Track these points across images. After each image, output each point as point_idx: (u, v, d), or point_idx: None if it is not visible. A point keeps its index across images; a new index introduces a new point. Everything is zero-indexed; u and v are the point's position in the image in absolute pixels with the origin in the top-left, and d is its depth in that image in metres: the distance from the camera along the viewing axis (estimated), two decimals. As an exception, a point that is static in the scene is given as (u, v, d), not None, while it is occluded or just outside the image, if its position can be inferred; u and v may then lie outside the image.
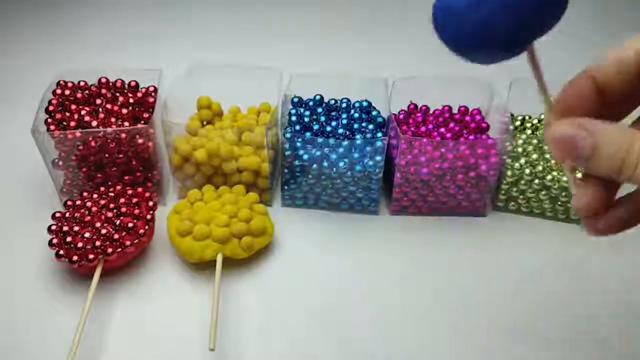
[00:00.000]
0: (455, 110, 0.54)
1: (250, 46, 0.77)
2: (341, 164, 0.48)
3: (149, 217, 0.46)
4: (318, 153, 0.48)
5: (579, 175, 0.27)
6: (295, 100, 0.53)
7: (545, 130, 0.25)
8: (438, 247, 0.49)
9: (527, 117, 0.54)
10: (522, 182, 0.50)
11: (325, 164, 0.48)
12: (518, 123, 0.54)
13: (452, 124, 0.51)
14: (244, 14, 0.86)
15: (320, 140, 0.48)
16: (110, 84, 0.52)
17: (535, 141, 0.49)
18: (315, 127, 0.50)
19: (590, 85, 0.25)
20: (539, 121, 0.54)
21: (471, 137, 0.50)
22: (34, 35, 0.80)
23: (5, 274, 0.46)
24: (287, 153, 0.49)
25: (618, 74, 0.25)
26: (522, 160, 0.49)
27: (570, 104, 0.25)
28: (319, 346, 0.41)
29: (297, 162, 0.49)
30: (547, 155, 0.49)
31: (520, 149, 0.49)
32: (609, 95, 0.25)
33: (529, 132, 0.53)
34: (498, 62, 0.27)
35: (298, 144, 0.48)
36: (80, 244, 0.42)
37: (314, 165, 0.49)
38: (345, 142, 0.48)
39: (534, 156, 0.49)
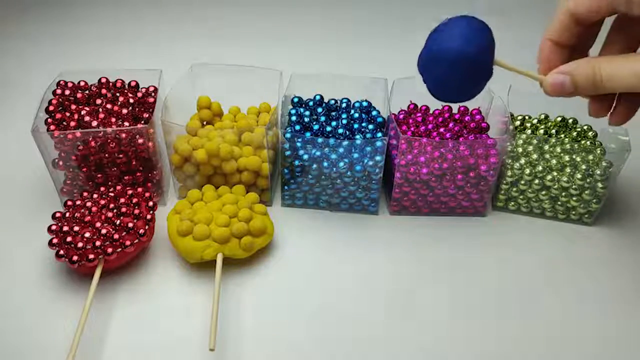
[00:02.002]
0: (455, 111, 0.54)
1: (250, 46, 0.77)
2: (341, 164, 0.48)
3: (149, 217, 0.46)
4: (318, 153, 0.48)
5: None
6: (295, 100, 0.53)
7: (542, 88, 0.36)
8: (438, 247, 0.49)
9: (527, 117, 0.54)
10: (522, 182, 0.50)
11: (325, 163, 0.48)
12: (518, 123, 0.54)
13: (451, 124, 0.51)
14: (244, 14, 0.86)
15: (320, 140, 0.48)
16: (111, 84, 0.52)
17: (535, 141, 0.49)
18: (315, 127, 0.50)
19: (550, 44, 0.37)
20: (539, 121, 0.54)
21: (471, 137, 0.50)
22: (34, 35, 0.80)
23: (5, 273, 0.46)
24: (287, 153, 0.49)
25: (563, 30, 0.36)
26: (522, 160, 0.49)
27: (548, 63, 0.36)
28: (319, 346, 0.41)
29: (297, 162, 0.49)
30: (547, 156, 0.49)
31: (520, 149, 0.49)
32: (566, 43, 0.36)
33: (528, 132, 0.53)
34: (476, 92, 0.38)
35: (298, 144, 0.49)
36: (80, 244, 0.42)
37: (314, 165, 0.49)
38: (345, 142, 0.48)
39: (534, 156, 0.49)
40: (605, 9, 0.34)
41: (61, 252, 0.42)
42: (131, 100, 0.50)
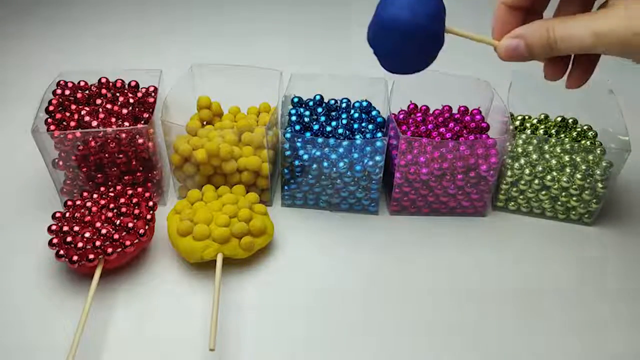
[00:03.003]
0: (455, 110, 0.54)
1: (250, 46, 0.77)
2: (341, 164, 0.48)
3: (149, 217, 0.46)
4: (318, 153, 0.48)
5: None
6: (295, 100, 0.53)
7: (496, 52, 0.36)
8: (438, 247, 0.49)
9: (527, 117, 0.54)
10: (522, 182, 0.50)
11: (325, 163, 0.48)
12: (518, 123, 0.54)
13: (452, 124, 0.51)
14: (244, 14, 0.86)
15: (320, 140, 0.48)
16: (111, 84, 0.52)
17: (535, 141, 0.49)
18: (315, 127, 0.50)
19: (504, 8, 0.35)
20: (539, 121, 0.54)
21: (471, 137, 0.50)
22: (34, 35, 0.80)
23: (5, 273, 0.46)
24: (287, 153, 0.49)
25: None
26: (522, 160, 0.49)
27: (503, 27, 0.35)
28: (319, 346, 0.41)
29: (297, 162, 0.49)
30: (547, 156, 0.49)
31: (520, 149, 0.49)
32: (520, 5, 0.35)
33: (528, 132, 0.53)
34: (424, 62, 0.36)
35: (298, 144, 0.48)
36: (80, 244, 0.42)
37: (314, 165, 0.49)
38: (345, 142, 0.48)
39: (534, 156, 0.49)
40: None
41: (61, 252, 0.42)
42: (131, 100, 0.50)
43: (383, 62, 0.37)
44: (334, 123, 0.51)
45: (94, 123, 0.47)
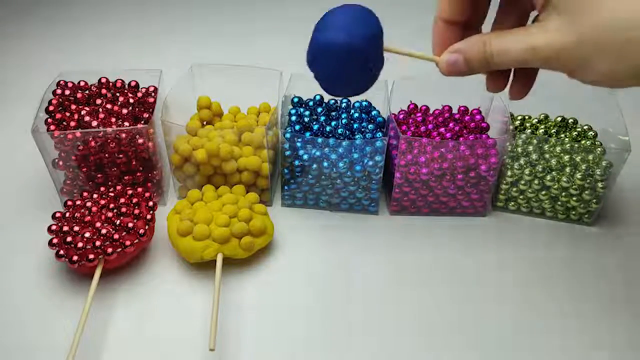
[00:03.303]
0: (455, 110, 0.54)
1: (250, 46, 0.77)
2: (341, 164, 0.48)
3: (149, 217, 0.46)
4: (318, 153, 0.48)
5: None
6: (295, 100, 0.53)
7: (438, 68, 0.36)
8: (438, 247, 0.49)
9: (526, 117, 0.54)
10: (522, 182, 0.50)
11: (325, 163, 0.48)
12: (518, 123, 0.54)
13: (452, 124, 0.51)
14: (244, 14, 0.86)
15: (320, 140, 0.48)
16: (110, 84, 0.52)
17: (535, 141, 0.49)
18: (315, 127, 0.50)
19: (442, 24, 0.36)
20: (539, 121, 0.54)
21: (471, 137, 0.50)
22: (34, 35, 0.80)
23: (5, 273, 0.46)
24: (287, 153, 0.49)
25: (453, 7, 0.35)
26: (522, 160, 0.49)
27: (442, 43, 0.36)
28: (319, 346, 0.41)
29: (297, 162, 0.49)
30: (547, 155, 0.49)
31: (519, 149, 0.49)
32: (457, 20, 0.35)
33: (528, 132, 0.53)
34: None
35: (298, 144, 0.49)
36: (80, 244, 0.42)
37: (314, 165, 0.49)
38: (345, 142, 0.48)
39: (534, 156, 0.49)
40: None
41: (61, 252, 0.42)
42: (131, 100, 0.50)
43: (324, 85, 0.36)
44: (334, 123, 0.51)
45: (94, 123, 0.47)
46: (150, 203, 0.47)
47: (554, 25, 0.30)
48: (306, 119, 0.51)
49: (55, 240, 0.43)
